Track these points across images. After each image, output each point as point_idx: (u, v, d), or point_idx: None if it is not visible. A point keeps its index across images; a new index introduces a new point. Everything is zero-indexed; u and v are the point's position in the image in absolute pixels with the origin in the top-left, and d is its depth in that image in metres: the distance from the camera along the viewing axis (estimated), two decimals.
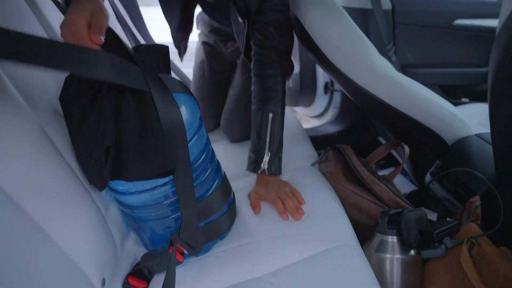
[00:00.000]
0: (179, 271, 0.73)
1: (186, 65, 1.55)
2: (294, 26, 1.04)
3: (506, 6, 0.54)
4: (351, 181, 0.90)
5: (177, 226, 0.74)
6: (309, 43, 0.99)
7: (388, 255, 0.76)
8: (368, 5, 1.29)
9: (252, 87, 1.01)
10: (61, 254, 0.58)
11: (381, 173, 0.95)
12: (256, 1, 0.93)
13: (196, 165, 0.74)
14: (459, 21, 1.42)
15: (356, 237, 0.79)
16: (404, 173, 1.40)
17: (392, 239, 0.77)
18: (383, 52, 1.32)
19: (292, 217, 0.83)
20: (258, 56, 0.99)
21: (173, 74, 1.58)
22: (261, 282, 0.69)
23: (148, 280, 0.74)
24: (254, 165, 0.94)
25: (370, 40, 0.99)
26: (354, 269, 0.70)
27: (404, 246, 0.76)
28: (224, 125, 1.31)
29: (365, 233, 0.84)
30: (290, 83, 1.78)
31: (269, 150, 0.93)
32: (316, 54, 0.99)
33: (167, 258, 0.70)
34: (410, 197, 1.11)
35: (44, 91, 0.70)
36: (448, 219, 0.84)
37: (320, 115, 1.83)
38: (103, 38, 0.59)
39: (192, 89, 1.40)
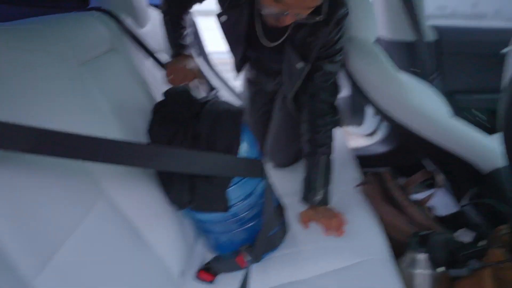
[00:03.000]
0: (241, 273, 0.87)
1: None
2: None
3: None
4: (389, 203, 1.02)
5: (238, 238, 0.93)
6: (353, 81, 1.12)
7: (417, 271, 0.87)
8: (412, 38, 1.38)
9: (304, 131, 1.11)
10: (152, 252, 0.79)
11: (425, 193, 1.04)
12: (314, 51, 1.01)
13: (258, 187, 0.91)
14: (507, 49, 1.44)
15: (390, 252, 0.90)
16: None
17: (423, 257, 0.87)
18: (428, 81, 1.40)
19: (334, 233, 0.97)
20: (311, 107, 1.09)
21: (224, 91, 1.78)
22: (306, 284, 0.84)
23: (215, 275, 0.93)
24: (307, 198, 1.08)
25: (415, 69, 1.09)
26: (383, 281, 0.81)
27: (433, 263, 0.86)
28: (268, 154, 1.43)
29: (400, 249, 0.95)
30: (340, 105, 1.90)
31: (321, 188, 1.05)
32: (359, 91, 1.12)
33: (232, 263, 0.90)
34: (452, 217, 1.18)
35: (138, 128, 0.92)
36: (480, 243, 0.92)
37: (370, 135, 1.92)
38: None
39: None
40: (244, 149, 0.86)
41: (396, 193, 0.99)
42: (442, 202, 1.41)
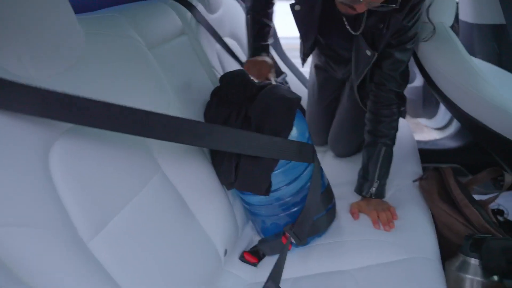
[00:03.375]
0: (287, 256, 0.90)
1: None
2: None
3: None
4: (445, 201, 0.96)
5: (282, 222, 0.95)
6: (421, 68, 1.06)
7: (468, 276, 0.82)
8: (501, 20, 1.23)
9: (367, 120, 1.11)
10: (200, 229, 0.85)
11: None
12: (385, 38, 0.98)
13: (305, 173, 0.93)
14: None
15: (439, 253, 0.86)
16: None
17: (475, 262, 0.82)
18: None
19: (383, 227, 0.95)
20: (376, 96, 1.08)
21: (292, 75, 1.79)
22: (346, 275, 0.85)
23: (259, 259, 0.98)
24: (361, 189, 1.07)
25: (501, 58, 0.98)
26: (427, 281, 0.78)
27: (486, 270, 0.80)
28: (331, 142, 1.43)
29: (452, 250, 0.90)
30: (412, 95, 1.78)
31: (378, 179, 1.04)
32: (426, 79, 1.05)
33: (279, 244, 0.92)
34: None
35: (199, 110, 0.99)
36: None
37: (442, 128, 1.78)
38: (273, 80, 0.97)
39: (306, 106, 1.57)
40: (294, 134, 0.88)
41: (455, 191, 0.93)
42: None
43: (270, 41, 1.23)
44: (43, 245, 0.53)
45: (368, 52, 1.02)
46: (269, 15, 1.21)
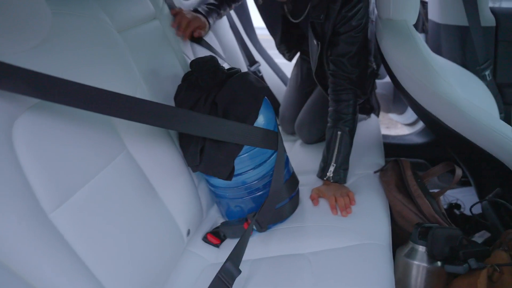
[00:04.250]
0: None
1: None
2: (377, 46, 1.15)
3: None
4: (401, 192, 1.01)
5: (247, 206, 0.99)
6: (385, 63, 1.10)
7: (415, 262, 0.88)
8: (465, 23, 1.29)
9: (329, 108, 1.16)
10: (164, 208, 0.87)
11: (460, 190, 1.00)
12: (329, 29, 1.07)
13: (270, 159, 0.96)
14: None
15: (391, 240, 0.92)
16: None
17: (422, 249, 0.88)
18: (477, 71, 1.30)
19: (340, 213, 1.00)
20: (333, 84, 1.14)
21: (266, 66, 1.81)
22: (303, 258, 0.89)
23: (221, 240, 1.02)
24: (322, 173, 1.12)
25: (465, 58, 1.01)
26: (377, 266, 0.83)
27: (431, 257, 0.86)
28: (297, 127, 1.48)
29: (405, 239, 0.95)
30: (383, 90, 1.84)
31: (335, 162, 1.09)
32: (389, 74, 1.09)
33: (240, 229, 0.97)
34: (476, 218, 1.13)
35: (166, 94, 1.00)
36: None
37: (411, 124, 1.85)
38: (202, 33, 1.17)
39: (284, 96, 1.62)
40: (261, 122, 0.91)
41: (410, 182, 0.98)
42: (472, 202, 1.35)
43: (212, 18, 1.30)
44: (1, 212, 0.54)
45: (315, 41, 1.12)
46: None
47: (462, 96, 0.96)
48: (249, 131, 0.86)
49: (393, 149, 1.42)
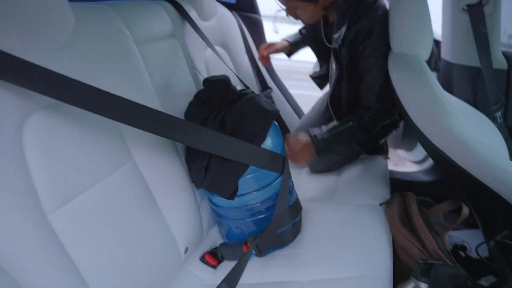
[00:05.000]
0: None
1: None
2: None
3: None
4: (405, 226, 0.99)
5: (248, 229, 0.98)
6: (395, 96, 1.11)
7: None
8: (477, 64, 1.30)
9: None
10: (164, 222, 0.87)
11: (466, 232, 0.98)
12: (347, 56, 1.11)
13: (275, 182, 0.95)
14: None
15: (392, 273, 0.89)
16: None
17: (424, 286, 0.84)
18: (488, 113, 1.30)
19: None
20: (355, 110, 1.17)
21: (278, 92, 1.84)
22: (300, 286, 0.86)
23: (219, 262, 0.99)
24: (314, 132, 1.17)
25: (476, 98, 1.01)
26: None
27: None
28: None
29: (407, 275, 0.92)
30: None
31: (327, 132, 1.15)
32: (400, 108, 1.10)
33: (239, 251, 0.95)
34: (482, 261, 1.09)
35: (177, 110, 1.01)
36: None
37: (419, 162, 1.83)
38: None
39: (303, 117, 1.63)
40: (269, 145, 0.91)
41: (415, 217, 0.96)
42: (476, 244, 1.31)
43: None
44: (1, 206, 0.55)
45: (333, 65, 1.15)
46: None
47: (471, 133, 0.95)
48: (255, 151, 0.86)
49: (399, 185, 1.40)
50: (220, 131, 0.87)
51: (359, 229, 1.01)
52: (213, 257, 1.00)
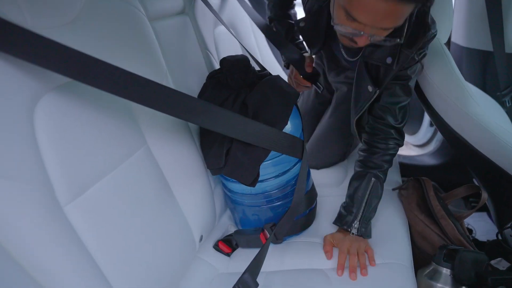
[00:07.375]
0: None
1: None
2: None
3: None
4: (423, 212, 0.98)
5: (264, 215, 0.94)
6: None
7: (439, 284, 0.84)
8: (489, 48, 1.29)
9: (359, 151, 1.03)
10: (179, 210, 0.83)
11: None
12: (391, 74, 0.91)
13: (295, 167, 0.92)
14: None
15: (412, 260, 0.88)
16: None
17: (446, 272, 0.84)
18: (497, 97, 1.30)
19: (360, 271, 0.83)
20: (373, 129, 1.00)
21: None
22: (321, 273, 0.85)
23: (233, 249, 0.97)
24: (342, 222, 0.93)
25: (485, 82, 0.99)
26: (400, 286, 0.79)
27: (456, 281, 0.82)
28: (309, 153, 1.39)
29: (425, 261, 0.92)
30: None
31: (362, 215, 0.92)
32: (417, 90, 1.08)
33: (256, 239, 0.92)
34: (490, 244, 1.11)
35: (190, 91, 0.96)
36: None
37: (422, 145, 1.84)
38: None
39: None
40: (289, 129, 0.87)
41: (433, 202, 0.95)
42: (483, 228, 1.33)
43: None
44: (16, 199, 0.50)
45: (370, 88, 0.94)
46: (291, 17, 1.20)
47: (492, 119, 0.94)
48: (278, 136, 0.82)
49: (404, 169, 1.39)
50: (241, 114, 0.83)
51: (375, 216, 1.00)
52: (227, 244, 0.97)
